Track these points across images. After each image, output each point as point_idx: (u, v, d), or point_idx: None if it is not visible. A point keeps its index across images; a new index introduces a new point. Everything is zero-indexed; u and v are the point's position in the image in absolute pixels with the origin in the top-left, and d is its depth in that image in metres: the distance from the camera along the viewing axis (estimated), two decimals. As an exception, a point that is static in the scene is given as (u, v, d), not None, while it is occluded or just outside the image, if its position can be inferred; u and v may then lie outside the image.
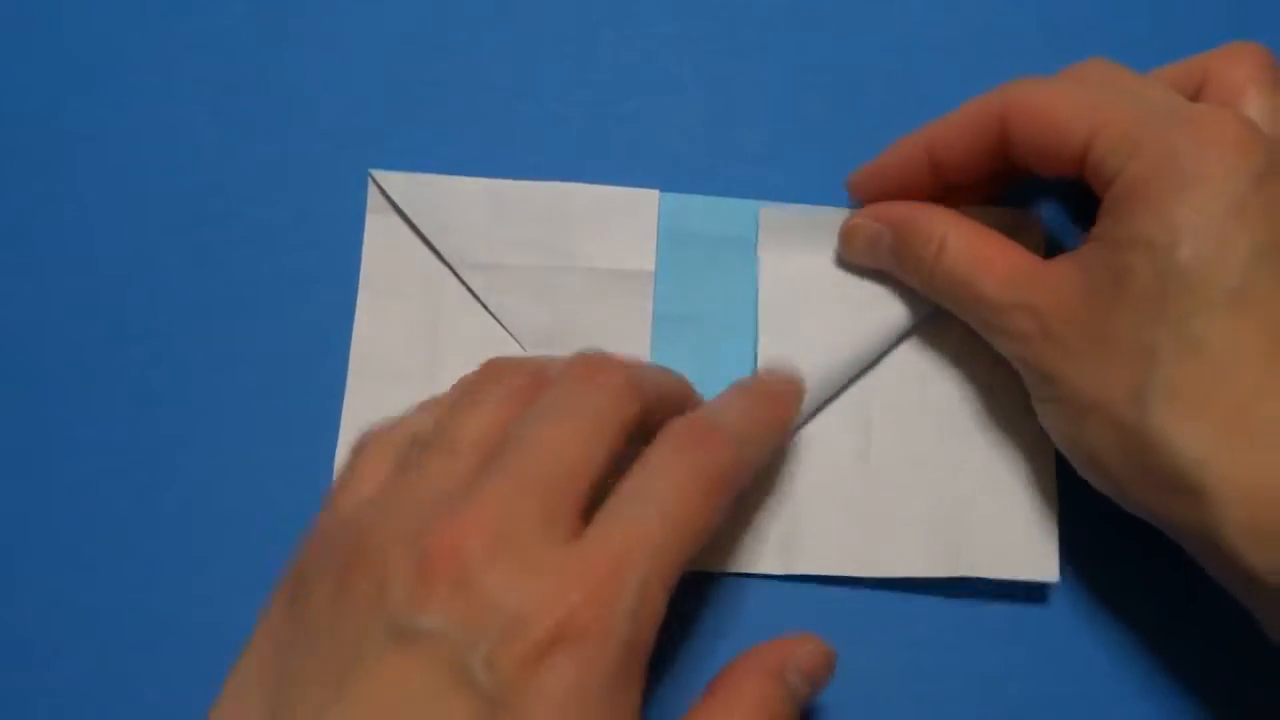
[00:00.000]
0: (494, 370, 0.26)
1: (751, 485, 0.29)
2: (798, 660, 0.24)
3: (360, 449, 0.26)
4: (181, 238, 0.32)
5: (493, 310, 0.31)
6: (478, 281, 0.31)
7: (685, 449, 0.24)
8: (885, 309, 0.31)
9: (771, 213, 0.32)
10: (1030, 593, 0.30)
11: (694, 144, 0.33)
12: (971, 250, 0.28)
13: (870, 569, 0.29)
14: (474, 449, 0.24)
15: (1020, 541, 0.29)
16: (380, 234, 0.32)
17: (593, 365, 0.25)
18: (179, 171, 0.33)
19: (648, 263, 0.31)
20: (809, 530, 0.29)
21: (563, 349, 0.30)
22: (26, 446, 0.31)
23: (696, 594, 0.30)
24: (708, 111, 0.33)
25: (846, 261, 0.31)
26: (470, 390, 0.25)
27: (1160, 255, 0.24)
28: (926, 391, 0.31)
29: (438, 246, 0.32)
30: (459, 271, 0.31)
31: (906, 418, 0.30)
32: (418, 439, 0.25)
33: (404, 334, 0.31)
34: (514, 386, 0.25)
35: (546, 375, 0.25)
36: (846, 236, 0.31)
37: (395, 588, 0.21)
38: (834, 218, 0.32)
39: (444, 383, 0.30)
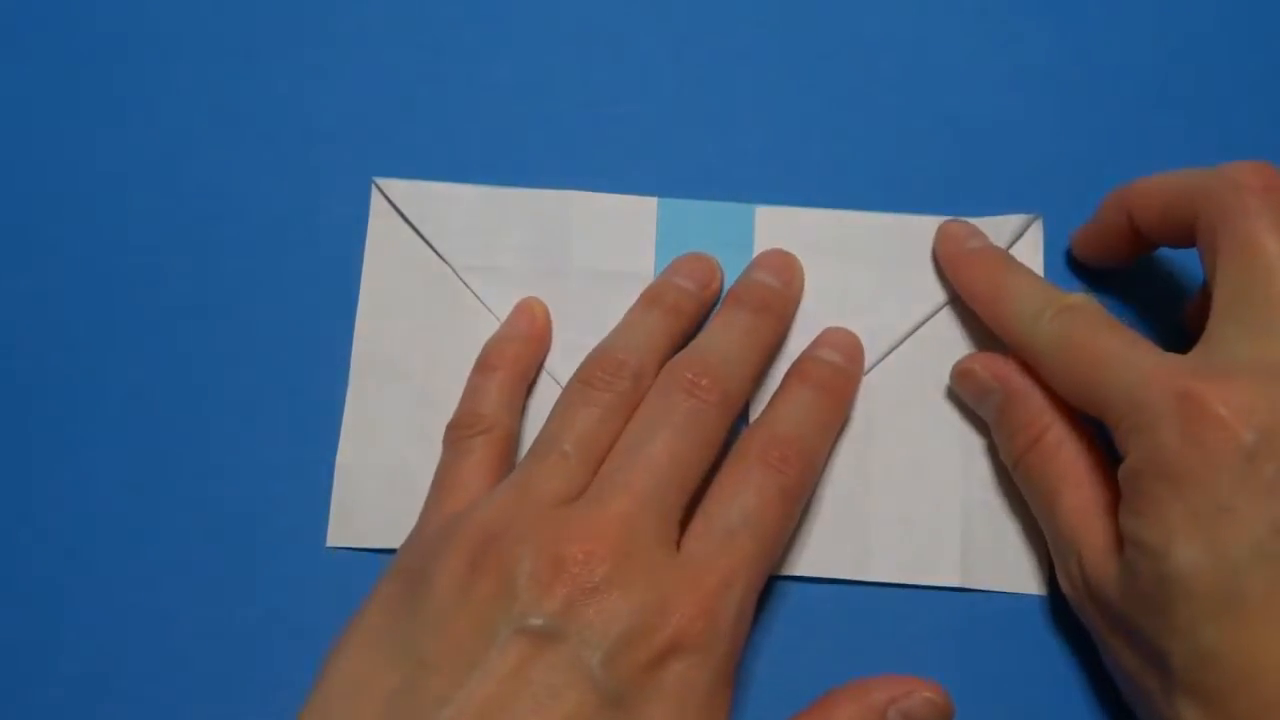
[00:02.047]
0: (597, 374, 0.28)
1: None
2: (906, 703, 0.24)
3: (454, 446, 0.29)
4: (184, 239, 0.32)
5: (493, 312, 0.31)
6: (478, 283, 0.32)
7: (768, 469, 0.26)
8: (884, 311, 0.31)
9: (768, 214, 0.32)
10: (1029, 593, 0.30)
11: (692, 145, 0.33)
12: (1060, 460, 0.27)
13: (869, 573, 0.29)
14: (585, 453, 0.26)
15: (1011, 554, 0.29)
16: (382, 236, 0.32)
17: (695, 379, 0.27)
18: (182, 174, 0.33)
19: (647, 266, 0.31)
20: (805, 533, 0.30)
21: (564, 349, 0.31)
22: (26, 446, 0.31)
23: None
24: (706, 113, 0.33)
25: (842, 262, 0.31)
26: (579, 397, 0.27)
27: (1158, 560, 0.23)
28: (926, 398, 0.31)
29: (439, 250, 0.32)
30: (460, 274, 0.32)
31: (905, 423, 0.30)
32: (501, 433, 0.29)
33: (405, 335, 0.31)
34: (619, 392, 0.27)
35: (646, 374, 0.28)
36: (959, 376, 0.30)
37: (524, 586, 0.23)
38: (829, 219, 0.32)
39: (444, 383, 0.30)
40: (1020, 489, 0.29)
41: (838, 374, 0.29)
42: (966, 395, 0.30)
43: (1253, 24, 0.34)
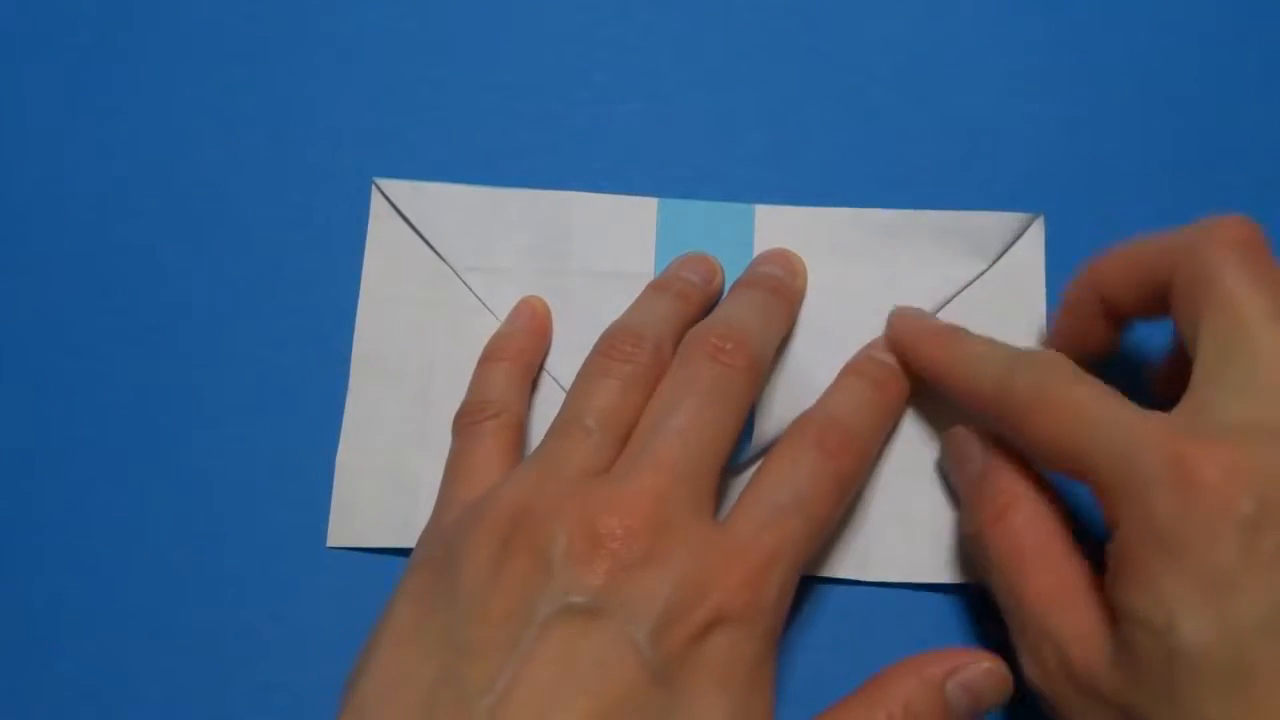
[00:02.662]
0: (616, 346, 0.27)
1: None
2: (964, 675, 0.24)
3: (465, 433, 0.28)
4: (184, 239, 0.32)
5: (494, 312, 0.31)
6: (479, 284, 0.32)
7: (825, 455, 0.26)
8: (884, 311, 0.31)
9: (768, 214, 0.32)
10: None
11: (693, 145, 0.33)
12: (1030, 537, 0.26)
13: (868, 573, 0.29)
14: (608, 427, 0.26)
15: None
16: (382, 237, 0.32)
17: (719, 343, 0.26)
18: (182, 174, 0.33)
19: (647, 266, 0.32)
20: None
21: (564, 349, 0.31)
22: (26, 446, 0.31)
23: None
24: (707, 113, 0.33)
25: (842, 261, 0.31)
26: (598, 369, 0.27)
27: (1160, 636, 0.22)
28: (926, 398, 0.31)
29: (440, 250, 0.32)
30: (460, 274, 0.32)
31: (905, 423, 0.30)
32: (505, 413, 0.28)
33: (405, 335, 0.31)
34: (640, 364, 0.27)
35: (665, 348, 0.27)
36: (948, 439, 0.29)
37: (560, 564, 0.23)
38: (829, 218, 0.32)
39: (444, 383, 0.30)
40: (976, 563, 0.27)
41: (895, 375, 0.29)
42: (949, 458, 0.29)
43: (1253, 24, 0.34)
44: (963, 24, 0.34)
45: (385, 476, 0.30)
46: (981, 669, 0.24)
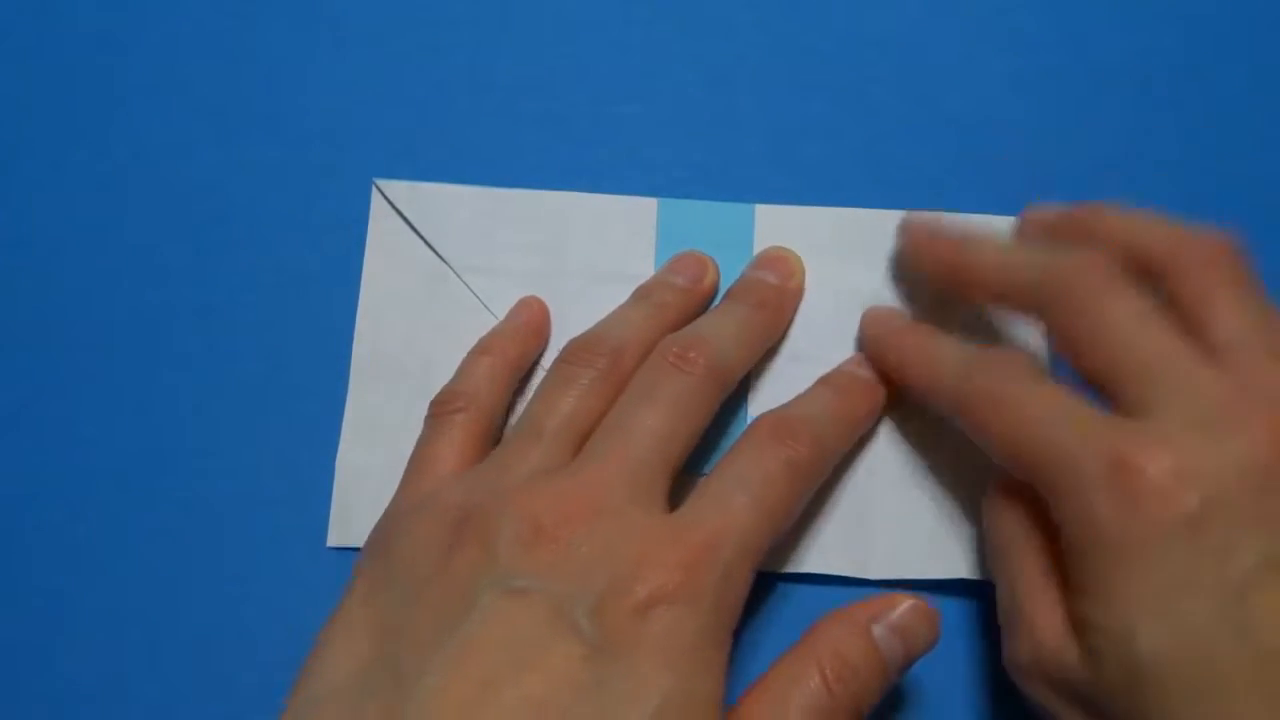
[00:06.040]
0: (575, 354, 0.28)
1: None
2: (889, 617, 0.24)
3: (433, 423, 0.29)
4: (184, 239, 0.32)
5: (493, 312, 0.31)
6: (479, 284, 0.32)
7: (775, 443, 0.26)
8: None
9: (768, 214, 0.32)
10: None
11: (693, 145, 0.33)
12: (1028, 519, 0.25)
13: (869, 570, 0.29)
14: (563, 432, 0.26)
15: None
16: (382, 237, 0.32)
17: (681, 352, 0.27)
18: (182, 174, 0.33)
19: (647, 266, 0.32)
20: (809, 529, 0.30)
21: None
22: (26, 446, 0.31)
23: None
24: (707, 113, 0.33)
25: (842, 261, 0.32)
26: (559, 376, 0.28)
27: (1120, 644, 0.22)
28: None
29: (440, 251, 0.32)
30: (460, 274, 0.32)
31: (906, 419, 0.30)
32: (481, 411, 0.29)
33: (405, 335, 0.31)
34: (598, 369, 0.27)
35: (624, 356, 0.28)
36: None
37: (504, 551, 0.23)
38: (829, 218, 0.32)
39: (443, 384, 0.30)
40: (984, 528, 0.27)
41: (863, 385, 0.29)
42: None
43: (1253, 23, 0.34)
44: (961, 23, 0.34)
45: (385, 476, 0.30)
46: (904, 608, 0.24)
